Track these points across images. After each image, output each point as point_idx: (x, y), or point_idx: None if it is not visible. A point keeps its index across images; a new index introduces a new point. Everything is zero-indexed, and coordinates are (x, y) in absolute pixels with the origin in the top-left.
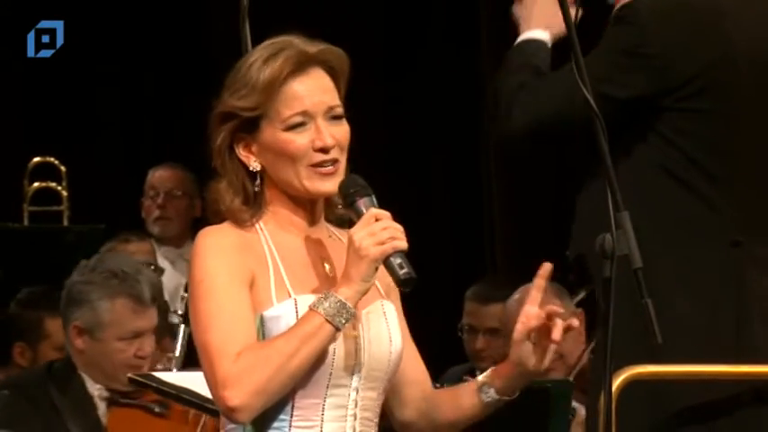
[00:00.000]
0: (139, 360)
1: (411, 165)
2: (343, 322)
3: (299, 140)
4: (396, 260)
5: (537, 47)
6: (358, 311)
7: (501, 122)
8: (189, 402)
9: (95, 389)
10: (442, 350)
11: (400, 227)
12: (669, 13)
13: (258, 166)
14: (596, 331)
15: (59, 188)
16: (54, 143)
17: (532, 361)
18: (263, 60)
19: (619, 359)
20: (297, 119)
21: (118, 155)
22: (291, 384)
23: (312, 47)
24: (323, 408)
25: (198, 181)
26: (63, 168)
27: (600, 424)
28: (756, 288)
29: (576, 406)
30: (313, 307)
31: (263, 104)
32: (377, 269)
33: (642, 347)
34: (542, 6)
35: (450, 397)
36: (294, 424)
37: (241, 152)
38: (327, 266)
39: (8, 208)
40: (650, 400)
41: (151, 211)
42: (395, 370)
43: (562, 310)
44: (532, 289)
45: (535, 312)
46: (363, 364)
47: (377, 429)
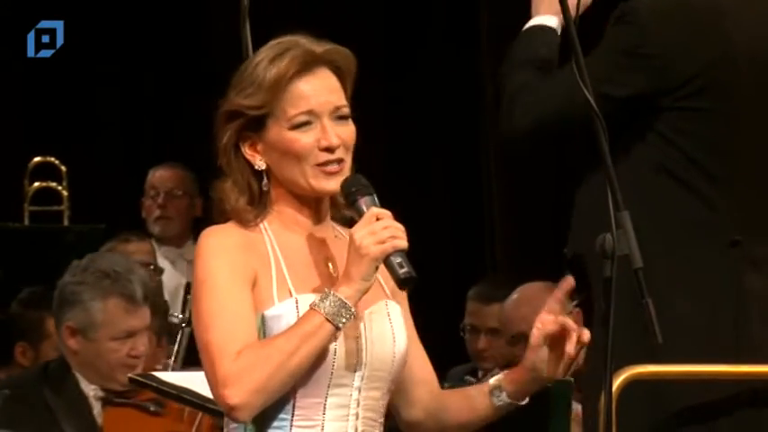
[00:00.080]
0: (133, 359)
1: (411, 165)
2: (343, 321)
3: (305, 139)
4: (396, 259)
5: (545, 35)
6: (360, 311)
7: (502, 121)
8: (189, 402)
9: (90, 389)
10: (444, 350)
11: (401, 226)
12: (669, 13)
13: (264, 165)
14: (593, 330)
15: (60, 188)
16: (54, 143)
17: (546, 367)
18: (270, 60)
19: (619, 359)
20: (302, 118)
21: (118, 155)
22: (291, 383)
23: (319, 47)
24: (324, 407)
25: (198, 180)
26: (63, 168)
27: (600, 424)
28: (756, 288)
29: (573, 404)
30: (313, 306)
31: (270, 103)
32: (377, 268)
33: (642, 347)
34: None
35: (460, 398)
36: (295, 423)
37: (247, 151)
38: (331, 266)
39: (8, 208)
40: (650, 400)
41: (152, 211)
42: (399, 370)
43: (575, 327)
44: (551, 300)
45: (551, 319)
46: (365, 364)
47: (382, 429)
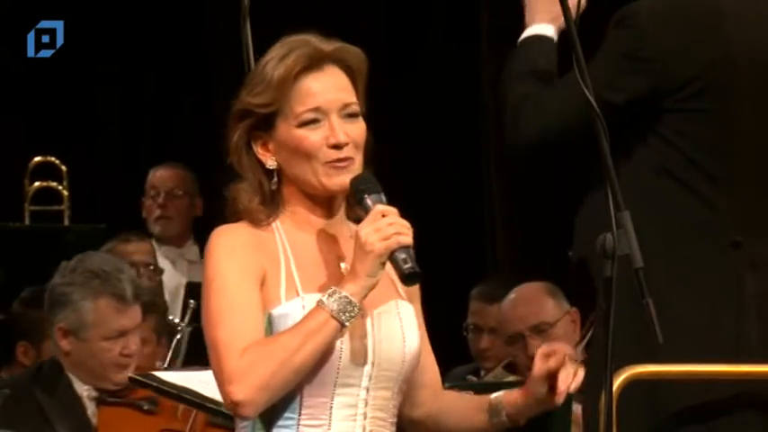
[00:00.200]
0: (126, 358)
1: (411, 165)
2: (348, 318)
3: (313, 137)
4: (400, 255)
5: (542, 45)
6: (370, 310)
7: (506, 132)
8: (189, 402)
9: (84, 389)
10: (445, 350)
11: (407, 223)
12: (668, 16)
13: (275, 165)
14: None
15: (60, 188)
16: (54, 143)
17: (548, 398)
18: (279, 58)
19: (619, 359)
20: (310, 115)
21: (118, 154)
22: (296, 380)
23: (328, 45)
24: (331, 407)
25: (198, 180)
26: (64, 168)
27: (600, 424)
28: (756, 288)
29: (573, 405)
30: (319, 303)
31: (278, 101)
32: (383, 265)
33: (642, 347)
34: None
35: (460, 406)
36: (302, 422)
37: (259, 150)
38: (343, 266)
39: (9, 207)
40: (650, 400)
41: (152, 211)
42: (410, 370)
43: (572, 374)
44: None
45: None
46: (373, 364)
47: (393, 429)
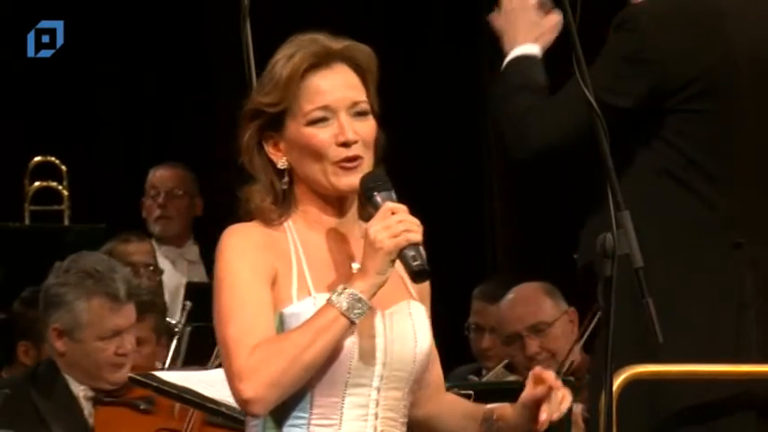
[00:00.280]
0: (121, 358)
1: (411, 165)
2: (357, 315)
3: (321, 135)
4: (409, 252)
5: (532, 63)
6: (382, 311)
7: (513, 148)
8: (190, 402)
9: (80, 390)
10: (447, 350)
11: (416, 220)
12: (668, 18)
13: (286, 164)
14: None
15: (60, 187)
16: (54, 143)
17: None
18: (287, 57)
19: (620, 359)
20: (318, 113)
21: (118, 154)
22: (306, 377)
23: (337, 43)
24: (342, 407)
25: (198, 180)
26: (64, 168)
27: (600, 424)
28: (757, 289)
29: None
30: (329, 301)
31: (286, 99)
32: (393, 262)
33: (643, 347)
34: (526, 18)
35: (457, 412)
36: (313, 422)
37: (269, 150)
38: (354, 266)
39: (9, 207)
40: (650, 400)
41: (152, 211)
42: (421, 370)
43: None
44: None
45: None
46: (384, 364)
47: (404, 430)
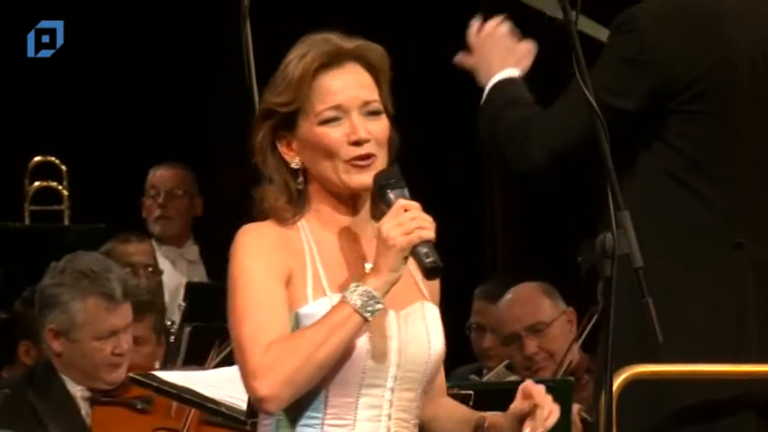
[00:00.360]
0: (118, 357)
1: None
2: (371, 313)
3: (333, 134)
4: (422, 249)
5: (514, 84)
6: (396, 312)
7: (515, 161)
8: (190, 402)
9: (77, 390)
10: (447, 350)
11: (429, 217)
12: (668, 19)
13: (299, 164)
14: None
15: (60, 187)
16: (54, 143)
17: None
18: (299, 57)
19: (621, 359)
20: (330, 113)
21: (118, 154)
22: (320, 375)
23: (349, 42)
24: (356, 407)
25: (198, 180)
26: (63, 168)
27: (600, 424)
28: (758, 289)
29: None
30: (342, 298)
31: (298, 99)
32: (406, 259)
33: (644, 347)
34: (499, 46)
35: (453, 417)
36: (327, 422)
37: (283, 150)
38: (368, 266)
39: (9, 207)
40: (651, 400)
41: (152, 211)
42: (434, 372)
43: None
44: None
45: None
46: (398, 365)
47: (416, 430)
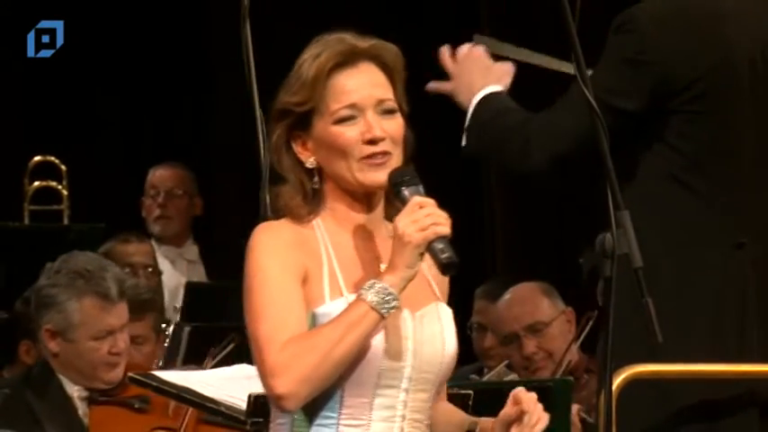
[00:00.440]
0: (115, 357)
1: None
2: (388, 310)
3: (349, 133)
4: (438, 245)
5: (500, 97)
6: (412, 313)
7: (519, 165)
8: (190, 401)
9: (74, 390)
10: None
11: (444, 214)
12: (668, 19)
13: (314, 163)
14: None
15: (60, 187)
16: (54, 142)
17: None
18: (313, 56)
19: (623, 359)
20: (345, 112)
21: (118, 154)
22: (338, 373)
23: (363, 42)
24: (371, 407)
25: (198, 180)
26: (63, 167)
27: (600, 423)
28: (759, 289)
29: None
30: (359, 295)
31: (313, 98)
32: (422, 256)
33: (646, 347)
34: (479, 66)
35: (452, 420)
36: (342, 422)
37: (298, 149)
38: (383, 267)
39: (8, 207)
40: (651, 400)
41: (152, 211)
42: (447, 372)
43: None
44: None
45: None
46: (414, 366)
47: (428, 431)
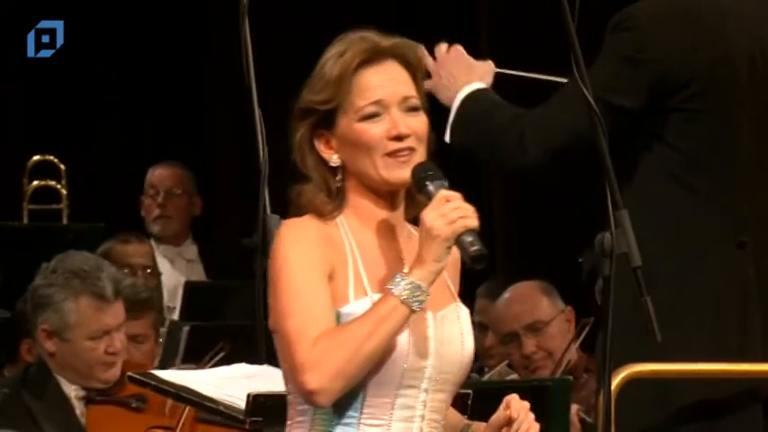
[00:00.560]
0: (111, 356)
1: None
2: (418, 304)
3: (374, 130)
4: (467, 238)
5: (487, 92)
6: (434, 313)
7: (513, 159)
8: (188, 400)
9: (71, 389)
10: None
11: (471, 207)
12: (667, 17)
13: (338, 162)
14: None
15: (59, 186)
16: (53, 142)
17: None
18: (338, 55)
19: (624, 358)
20: (371, 109)
21: (117, 153)
22: (368, 368)
23: (387, 40)
24: (392, 407)
25: (197, 179)
26: (62, 167)
27: (599, 422)
28: (761, 288)
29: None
30: (388, 290)
31: (337, 96)
32: (449, 249)
33: (648, 346)
34: (461, 63)
35: (449, 422)
36: (363, 421)
37: (321, 148)
38: (405, 267)
39: (8, 206)
40: (650, 399)
41: (151, 210)
42: (465, 373)
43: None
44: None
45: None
46: (435, 366)
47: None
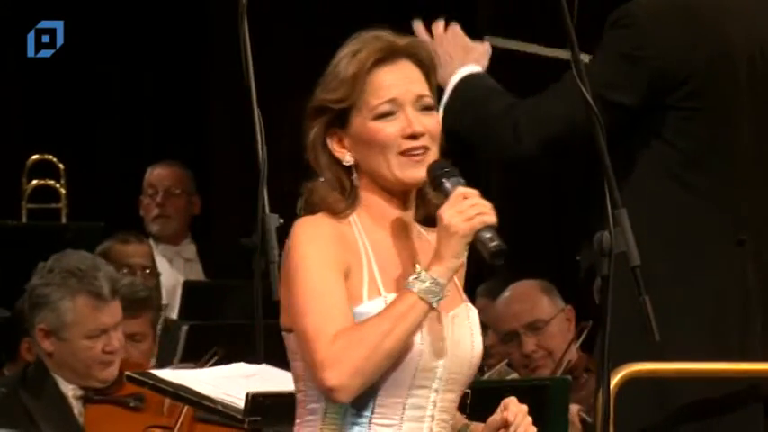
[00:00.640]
0: (109, 355)
1: None
2: (437, 300)
3: (388, 129)
4: (485, 234)
5: (483, 77)
6: (446, 313)
7: (507, 149)
8: (187, 400)
9: (69, 389)
10: None
11: (488, 203)
12: (666, 14)
13: (351, 160)
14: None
15: (58, 186)
16: (53, 141)
17: None
18: (352, 54)
19: (622, 357)
20: (385, 107)
21: (116, 153)
22: (388, 364)
23: (401, 39)
24: (404, 407)
25: (196, 179)
26: (61, 166)
27: (597, 421)
28: (761, 286)
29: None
30: (406, 286)
31: (351, 95)
32: (467, 245)
33: (648, 346)
34: (458, 43)
35: None
36: (374, 421)
37: (334, 147)
38: (418, 268)
39: (7, 205)
40: (649, 398)
41: (150, 210)
42: (474, 373)
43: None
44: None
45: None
46: (446, 367)
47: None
